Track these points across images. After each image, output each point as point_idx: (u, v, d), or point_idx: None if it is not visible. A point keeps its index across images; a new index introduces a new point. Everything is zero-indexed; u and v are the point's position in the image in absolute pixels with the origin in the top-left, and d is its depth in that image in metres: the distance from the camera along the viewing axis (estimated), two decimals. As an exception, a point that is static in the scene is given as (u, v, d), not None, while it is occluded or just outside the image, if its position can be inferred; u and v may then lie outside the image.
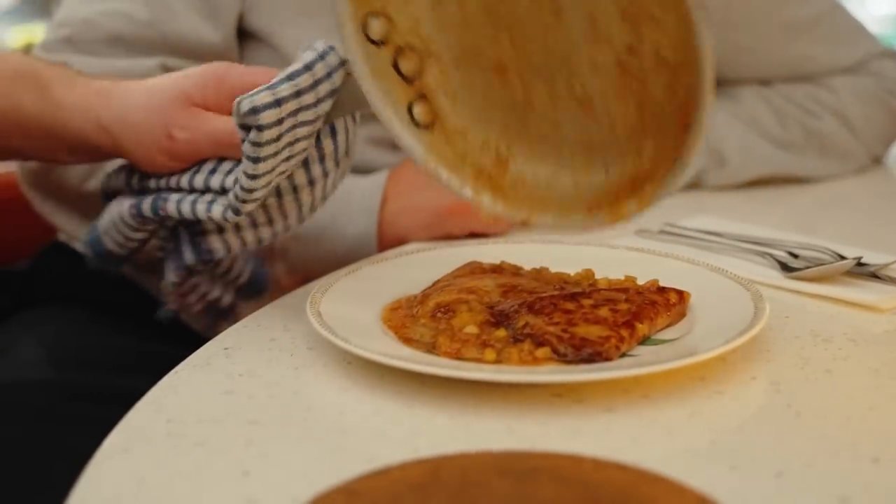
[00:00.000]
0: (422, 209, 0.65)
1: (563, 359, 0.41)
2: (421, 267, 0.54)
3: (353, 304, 0.48)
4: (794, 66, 0.84)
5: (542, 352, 0.41)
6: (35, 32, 1.99)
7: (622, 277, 0.51)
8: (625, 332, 0.42)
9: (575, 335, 0.42)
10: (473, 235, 0.67)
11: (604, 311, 0.44)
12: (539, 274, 0.53)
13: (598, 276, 0.52)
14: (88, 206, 0.68)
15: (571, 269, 0.53)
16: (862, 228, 0.71)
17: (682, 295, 0.47)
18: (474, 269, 0.53)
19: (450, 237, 0.65)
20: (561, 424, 0.37)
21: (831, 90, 0.84)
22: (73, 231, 0.70)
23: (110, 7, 0.66)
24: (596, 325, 0.43)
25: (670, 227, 0.65)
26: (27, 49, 1.92)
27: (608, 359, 0.41)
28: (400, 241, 0.65)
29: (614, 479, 0.31)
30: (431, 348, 0.43)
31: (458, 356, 0.42)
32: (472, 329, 0.43)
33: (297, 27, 0.68)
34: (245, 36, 0.70)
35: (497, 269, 0.53)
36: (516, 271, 0.53)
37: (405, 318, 0.46)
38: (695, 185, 0.79)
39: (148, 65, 0.65)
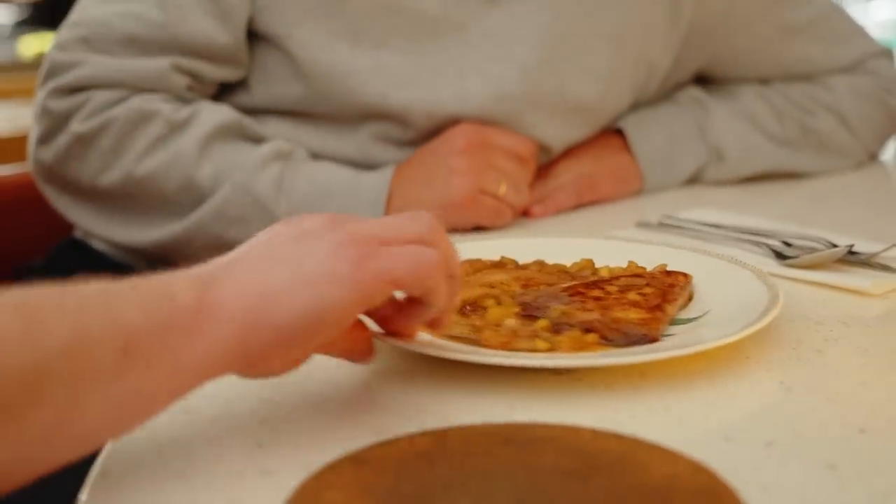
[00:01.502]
0: (426, 203, 0.66)
1: (611, 343, 0.43)
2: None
3: None
4: (792, 66, 0.86)
5: (591, 337, 0.43)
6: (48, 41, 2.02)
7: (625, 266, 0.53)
8: (659, 314, 0.44)
9: (619, 320, 0.44)
10: (477, 228, 0.68)
11: (632, 296, 0.46)
12: (543, 266, 0.54)
13: (599, 265, 0.54)
14: (104, 200, 0.70)
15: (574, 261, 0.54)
16: (856, 220, 0.73)
17: (688, 277, 0.50)
18: (477, 266, 0.54)
19: (453, 230, 0.67)
20: (561, 401, 0.39)
21: (828, 89, 0.85)
22: (88, 226, 0.72)
23: (125, 8, 0.68)
24: (632, 308, 0.45)
25: (669, 218, 0.67)
26: (40, 58, 1.97)
27: (654, 340, 0.42)
28: None
29: (612, 447, 0.33)
30: (473, 341, 0.44)
31: (509, 347, 0.43)
32: (511, 321, 0.45)
33: (306, 30, 0.70)
34: (255, 37, 0.72)
35: (499, 265, 0.54)
36: (517, 265, 0.55)
37: None
38: (694, 180, 0.81)
39: (160, 64, 0.67)
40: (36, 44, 2.05)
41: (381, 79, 0.70)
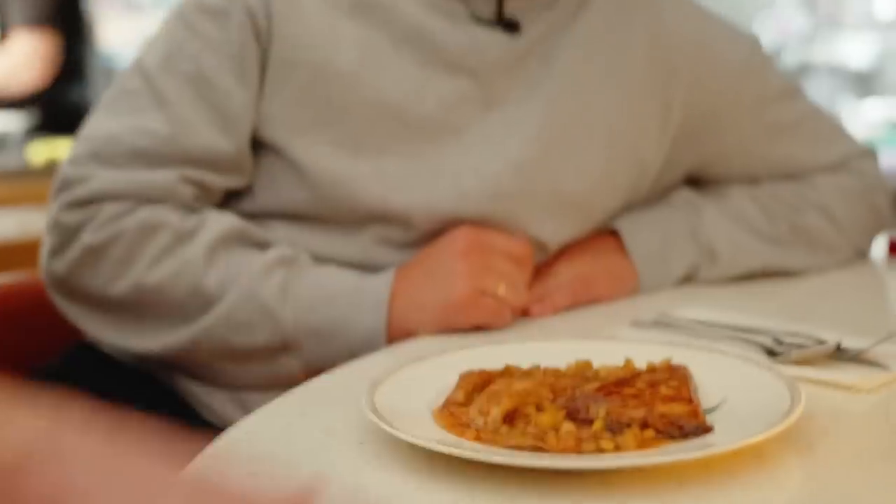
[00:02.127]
0: (428, 305, 0.70)
1: (668, 438, 0.47)
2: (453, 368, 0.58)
3: (407, 403, 0.52)
4: (779, 165, 0.92)
5: (649, 433, 0.47)
6: (57, 148, 2.14)
7: (619, 362, 0.56)
8: (696, 405, 0.49)
9: (667, 414, 0.48)
10: (478, 328, 0.72)
11: (664, 390, 0.50)
12: (557, 371, 0.57)
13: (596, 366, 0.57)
14: (114, 309, 0.74)
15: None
16: (845, 317, 0.77)
17: (688, 370, 0.54)
18: (485, 377, 0.56)
19: (454, 330, 0.70)
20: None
21: (815, 188, 0.90)
22: (99, 334, 0.76)
23: (132, 123, 0.73)
24: (672, 402, 0.49)
25: (664, 317, 0.70)
26: (50, 164, 2.10)
27: (708, 430, 0.47)
28: (408, 335, 0.70)
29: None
30: (536, 447, 0.47)
31: (577, 451, 0.46)
32: (568, 426, 0.48)
33: (308, 139, 0.75)
34: (258, 146, 0.77)
35: (506, 373, 0.56)
36: (526, 371, 0.57)
37: (462, 426, 0.50)
38: (688, 279, 0.85)
39: (168, 176, 0.72)
40: (45, 150, 2.13)
41: (382, 183, 0.75)
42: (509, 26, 0.77)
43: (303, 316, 0.70)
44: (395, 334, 0.70)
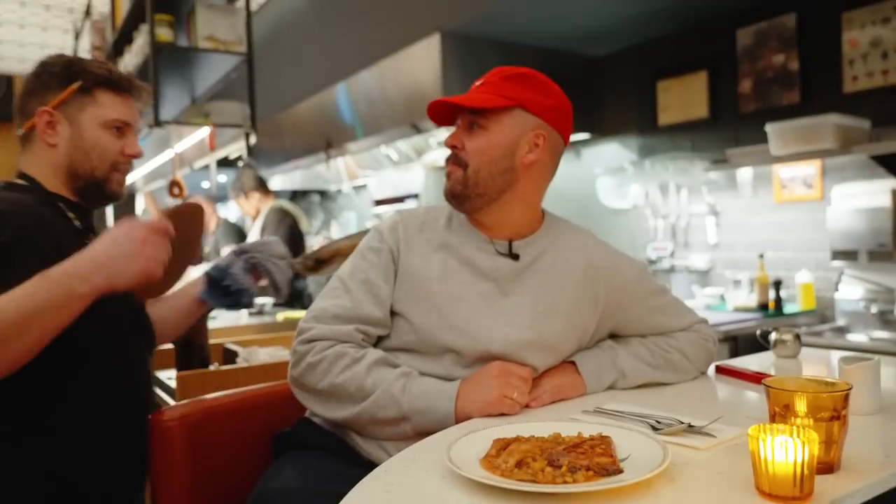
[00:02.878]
0: (478, 402, 1.14)
1: (601, 475, 0.83)
2: (489, 437, 0.97)
3: (467, 455, 0.91)
4: (656, 329, 1.43)
5: (590, 473, 0.84)
6: (293, 314, 3.44)
7: (575, 434, 0.99)
8: (614, 458, 0.88)
9: (600, 463, 0.85)
10: (501, 415, 1.15)
11: (598, 450, 0.89)
12: (541, 439, 0.96)
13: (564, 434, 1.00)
14: (320, 396, 1.21)
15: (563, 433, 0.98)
16: (693, 407, 1.22)
17: (610, 438, 0.95)
18: (506, 442, 0.94)
19: (491, 415, 1.14)
20: None
21: (676, 339, 1.42)
22: (313, 409, 1.24)
23: (334, 302, 1.22)
24: (601, 456, 0.87)
25: (599, 408, 1.17)
26: (286, 320, 3.34)
27: (621, 472, 0.84)
28: (468, 417, 1.15)
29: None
30: (532, 480, 0.81)
31: (553, 482, 0.81)
32: (549, 469, 0.84)
33: (415, 309, 1.25)
34: (394, 314, 1.27)
35: (517, 440, 0.94)
36: (526, 439, 0.96)
37: (494, 468, 0.87)
38: (611, 387, 1.33)
39: (349, 329, 1.21)
40: (286, 314, 3.41)
41: (452, 333, 1.22)
42: (514, 256, 1.30)
43: (413, 403, 1.13)
44: (460, 416, 1.14)
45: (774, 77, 3.38)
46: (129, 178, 5.64)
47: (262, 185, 4.37)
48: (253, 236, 4.15)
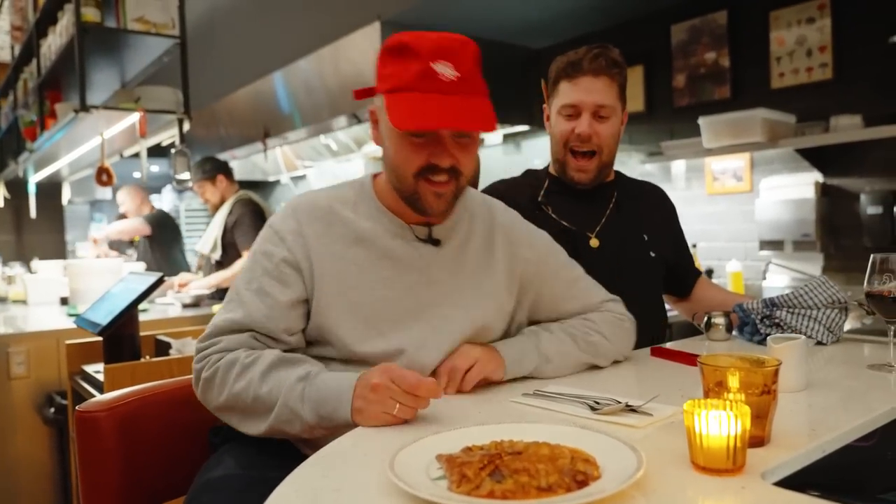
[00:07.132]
0: (364, 413, 1.04)
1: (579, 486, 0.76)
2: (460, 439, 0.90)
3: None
4: (572, 299, 1.45)
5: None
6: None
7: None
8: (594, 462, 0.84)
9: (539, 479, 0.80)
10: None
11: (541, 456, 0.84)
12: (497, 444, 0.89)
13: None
14: (226, 412, 1.15)
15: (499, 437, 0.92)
16: (629, 387, 1.26)
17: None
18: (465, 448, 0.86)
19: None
20: None
21: (594, 322, 1.43)
22: (233, 426, 1.16)
23: (227, 317, 1.22)
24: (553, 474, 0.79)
25: (538, 391, 1.18)
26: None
27: (599, 478, 0.79)
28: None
29: None
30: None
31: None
32: (488, 483, 0.76)
33: (343, 323, 1.21)
34: (318, 323, 1.23)
35: (477, 447, 0.87)
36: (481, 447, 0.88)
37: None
38: (538, 374, 1.34)
39: (243, 337, 1.20)
40: (221, 306, 3.48)
41: (383, 343, 1.21)
42: (436, 242, 1.29)
43: (316, 409, 1.06)
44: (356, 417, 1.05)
45: (707, 72, 3.49)
46: (53, 167, 5.44)
47: (229, 172, 4.08)
48: (216, 226, 3.95)
